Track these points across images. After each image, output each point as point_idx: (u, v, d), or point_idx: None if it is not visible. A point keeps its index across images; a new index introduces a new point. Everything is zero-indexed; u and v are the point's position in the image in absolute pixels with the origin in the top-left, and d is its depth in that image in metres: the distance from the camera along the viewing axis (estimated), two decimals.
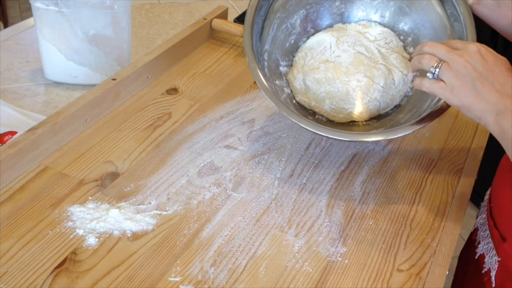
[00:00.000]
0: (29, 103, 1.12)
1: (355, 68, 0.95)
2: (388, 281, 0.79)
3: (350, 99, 0.95)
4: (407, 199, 0.93)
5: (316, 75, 0.96)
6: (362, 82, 0.94)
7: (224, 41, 1.32)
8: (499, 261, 0.89)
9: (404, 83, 0.97)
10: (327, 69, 0.96)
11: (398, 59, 0.97)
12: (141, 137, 1.01)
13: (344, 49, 0.97)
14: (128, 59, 1.20)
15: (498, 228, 0.89)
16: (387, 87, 0.95)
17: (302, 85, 0.98)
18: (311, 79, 0.96)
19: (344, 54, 0.97)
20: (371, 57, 0.97)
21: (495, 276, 0.89)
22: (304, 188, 0.93)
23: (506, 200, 0.87)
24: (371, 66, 0.95)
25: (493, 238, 0.90)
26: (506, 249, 0.88)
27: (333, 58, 0.97)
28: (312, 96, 0.97)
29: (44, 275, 0.75)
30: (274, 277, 0.78)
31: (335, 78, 0.95)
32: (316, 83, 0.96)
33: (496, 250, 0.89)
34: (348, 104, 0.95)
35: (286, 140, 1.03)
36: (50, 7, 1.10)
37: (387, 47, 0.98)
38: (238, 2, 1.61)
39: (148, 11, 1.53)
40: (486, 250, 0.92)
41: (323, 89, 0.96)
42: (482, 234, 0.94)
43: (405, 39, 1.01)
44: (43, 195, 0.87)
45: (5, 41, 1.31)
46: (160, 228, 0.84)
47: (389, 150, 1.03)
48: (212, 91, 1.15)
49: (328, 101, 0.96)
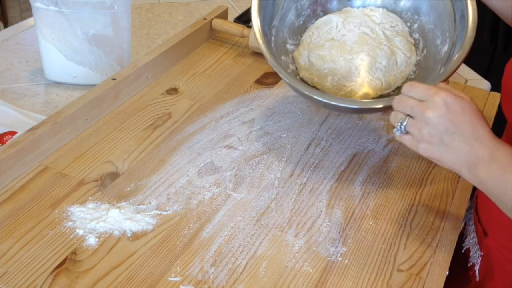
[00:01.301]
0: (29, 103, 1.12)
1: (359, 47, 0.97)
2: (388, 281, 0.79)
3: (352, 77, 0.96)
4: (407, 199, 0.93)
5: (321, 52, 0.98)
6: (365, 61, 0.96)
7: (224, 41, 1.32)
8: (482, 255, 0.90)
9: (406, 65, 0.99)
10: (331, 47, 0.98)
11: (402, 42, 0.99)
12: (141, 137, 1.01)
13: (350, 29, 0.99)
14: (128, 59, 1.20)
15: (481, 223, 0.91)
16: (389, 67, 0.97)
17: (307, 61, 1.00)
18: (316, 56, 0.98)
19: (349, 34, 0.99)
20: (376, 37, 0.99)
21: (479, 271, 0.91)
22: (304, 188, 0.93)
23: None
24: (375, 46, 0.97)
25: (477, 233, 0.92)
26: (488, 244, 0.89)
27: (338, 36, 0.99)
28: (315, 72, 0.98)
29: (44, 275, 0.75)
30: (274, 277, 0.78)
31: (339, 55, 0.97)
32: (320, 60, 0.98)
33: (479, 244, 0.91)
34: (350, 82, 0.97)
35: (286, 140, 1.03)
36: (50, 7, 1.10)
37: (392, 30, 1.01)
38: (238, 2, 1.61)
39: (148, 11, 1.53)
40: (471, 245, 0.93)
41: (326, 65, 0.98)
42: (469, 229, 0.96)
43: (411, 26, 1.03)
44: (43, 195, 0.87)
45: (5, 41, 1.31)
46: (160, 228, 0.84)
47: (389, 150, 1.03)
48: (212, 91, 1.15)
49: (330, 78, 0.97)
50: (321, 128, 1.07)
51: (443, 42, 0.97)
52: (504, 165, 0.68)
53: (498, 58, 1.94)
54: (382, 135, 1.07)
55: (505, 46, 1.91)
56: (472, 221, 0.95)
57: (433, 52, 0.99)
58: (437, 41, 0.98)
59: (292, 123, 1.08)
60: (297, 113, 1.11)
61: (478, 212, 0.92)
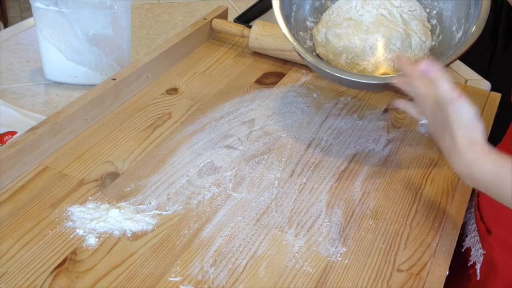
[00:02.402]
0: (29, 103, 1.12)
1: (375, 27, 1.00)
2: (388, 281, 0.79)
3: (366, 56, 0.99)
4: (407, 199, 0.93)
5: (338, 30, 1.01)
6: (380, 42, 0.99)
7: (224, 41, 1.32)
8: (484, 254, 0.91)
9: (420, 49, 1.01)
10: (348, 26, 1.01)
11: (419, 26, 1.01)
12: (141, 137, 1.01)
13: (368, 10, 1.02)
14: (128, 59, 1.20)
15: (484, 221, 0.91)
16: (403, 50, 0.99)
17: (324, 38, 1.02)
18: (332, 33, 1.01)
19: (367, 14, 1.02)
20: (392, 20, 1.01)
21: (480, 269, 0.91)
22: (304, 188, 0.93)
23: None
24: (391, 28, 1.00)
25: (479, 231, 0.92)
26: (491, 242, 0.89)
27: (356, 16, 1.02)
28: (330, 50, 1.01)
29: (44, 275, 0.75)
30: (274, 277, 0.78)
31: (355, 34, 1.00)
32: (336, 37, 1.01)
33: (482, 243, 0.91)
34: (363, 60, 0.99)
35: (286, 140, 1.03)
36: (50, 7, 1.10)
37: (409, 14, 1.03)
38: (238, 2, 1.61)
39: (148, 11, 1.53)
40: (472, 243, 0.93)
41: (342, 43, 1.00)
42: (469, 228, 0.95)
43: (430, 12, 1.05)
44: (43, 195, 0.87)
45: (5, 41, 1.31)
46: (160, 228, 0.84)
47: (389, 150, 1.03)
48: (212, 91, 1.15)
49: (345, 55, 1.00)
50: (321, 128, 1.07)
51: (458, 29, 0.99)
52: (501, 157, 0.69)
53: (498, 58, 1.94)
54: (382, 135, 1.07)
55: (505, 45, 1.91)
56: (473, 220, 0.95)
57: (448, 38, 1.01)
58: (453, 27, 1.01)
59: (292, 123, 1.08)
60: (297, 113, 1.11)
61: (480, 210, 0.92)
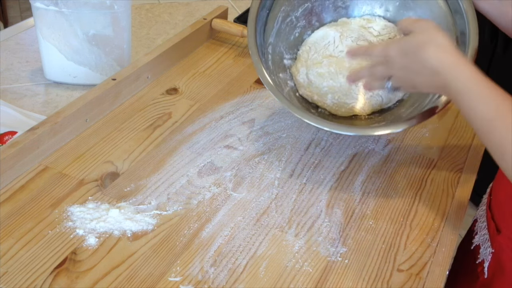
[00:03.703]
0: (29, 103, 1.12)
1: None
2: (388, 281, 0.79)
3: (353, 94, 0.96)
4: (407, 199, 0.93)
5: (319, 70, 0.97)
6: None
7: (224, 41, 1.32)
8: (493, 252, 0.90)
9: None
10: (330, 64, 0.97)
11: None
12: (141, 137, 1.01)
13: (348, 44, 0.98)
14: (128, 59, 1.20)
15: (495, 220, 0.91)
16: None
17: (305, 79, 0.99)
18: (314, 73, 0.98)
19: (347, 49, 0.97)
20: None
21: (488, 267, 0.90)
22: (304, 188, 0.93)
23: (506, 193, 0.88)
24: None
25: (489, 229, 0.92)
26: (500, 241, 0.89)
27: (336, 53, 0.98)
28: (315, 90, 0.98)
29: (44, 275, 0.75)
30: (274, 277, 0.78)
31: (338, 73, 0.96)
32: (319, 78, 0.97)
33: (491, 241, 0.91)
34: (351, 99, 0.96)
35: (286, 140, 1.03)
36: (50, 7, 1.10)
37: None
38: (238, 2, 1.61)
39: (148, 11, 1.53)
40: (481, 241, 0.93)
41: (325, 83, 0.97)
42: (480, 225, 0.95)
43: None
44: (43, 195, 0.87)
45: (5, 41, 1.31)
46: (160, 228, 0.84)
47: (389, 150, 1.03)
48: (212, 91, 1.15)
49: (331, 96, 0.97)
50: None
51: None
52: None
53: (498, 58, 1.94)
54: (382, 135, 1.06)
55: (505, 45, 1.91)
56: (484, 218, 0.95)
57: None
58: None
59: (292, 123, 1.08)
60: None
61: (491, 209, 0.92)
